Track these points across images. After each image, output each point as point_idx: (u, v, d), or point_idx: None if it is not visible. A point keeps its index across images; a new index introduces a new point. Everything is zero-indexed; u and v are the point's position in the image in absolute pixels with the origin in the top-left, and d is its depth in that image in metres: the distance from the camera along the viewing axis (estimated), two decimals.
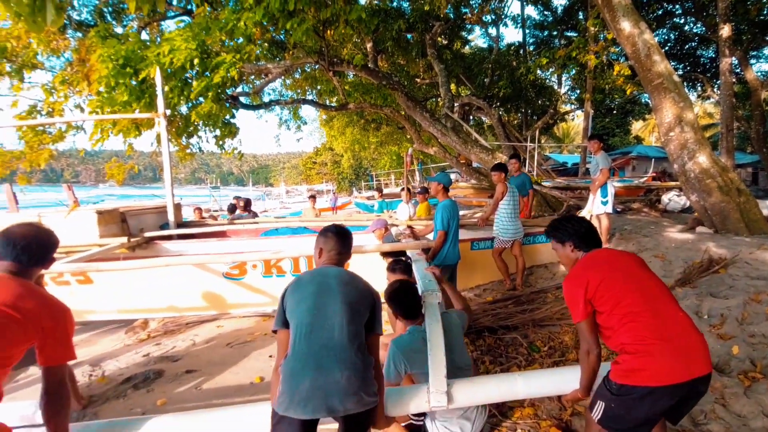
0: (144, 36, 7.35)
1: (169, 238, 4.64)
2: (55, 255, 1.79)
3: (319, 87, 9.50)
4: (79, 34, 6.56)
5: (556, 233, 1.96)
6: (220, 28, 4.87)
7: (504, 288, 4.91)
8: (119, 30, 6.91)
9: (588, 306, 1.72)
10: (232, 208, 7.30)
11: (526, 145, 14.32)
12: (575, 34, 13.16)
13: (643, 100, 19.68)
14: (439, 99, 14.23)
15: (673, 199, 7.94)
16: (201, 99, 5.63)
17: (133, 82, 4.38)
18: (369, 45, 9.08)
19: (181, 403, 3.05)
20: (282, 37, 7.45)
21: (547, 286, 4.90)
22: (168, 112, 4.71)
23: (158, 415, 1.77)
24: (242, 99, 7.35)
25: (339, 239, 1.95)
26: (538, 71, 13.89)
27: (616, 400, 1.64)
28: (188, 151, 6.84)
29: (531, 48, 15.85)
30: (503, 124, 13.88)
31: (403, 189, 7.87)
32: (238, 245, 4.35)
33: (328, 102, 10.63)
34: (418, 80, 13.49)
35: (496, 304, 4.41)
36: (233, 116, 5.63)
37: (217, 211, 10.62)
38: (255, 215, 7.43)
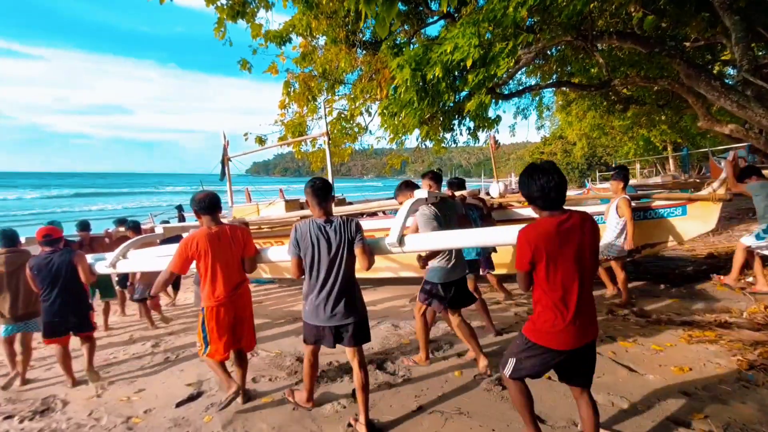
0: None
1: None
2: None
3: (568, 68, 8.77)
4: (363, 51, 7.96)
5: None
6: (488, 20, 5.00)
7: None
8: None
9: None
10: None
11: None
12: None
13: None
14: (716, 65, 11.08)
15: None
16: (461, 94, 6.02)
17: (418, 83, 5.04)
18: (632, 8, 7.76)
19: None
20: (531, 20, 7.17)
21: None
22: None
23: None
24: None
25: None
26: None
27: None
28: (443, 145, 7.40)
29: None
30: None
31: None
32: None
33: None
34: (687, 44, 10.82)
35: None
36: (493, 107, 5.78)
37: None
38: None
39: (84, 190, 63.10)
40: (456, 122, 6.35)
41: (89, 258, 4.01)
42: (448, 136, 7.44)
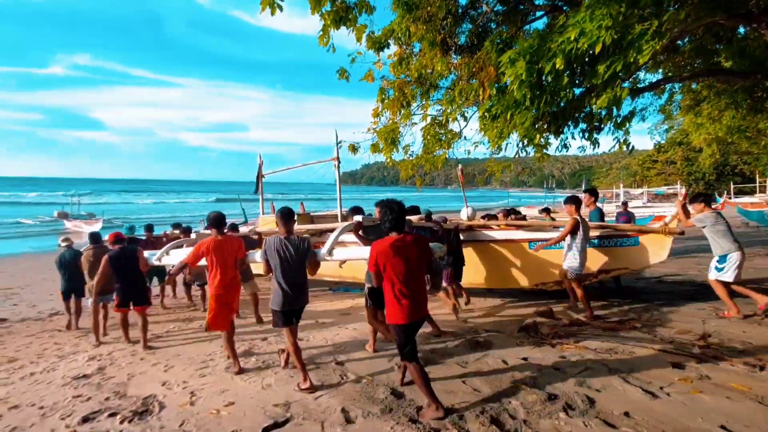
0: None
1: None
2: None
3: (698, 62, 7.31)
4: (458, 56, 7.43)
5: None
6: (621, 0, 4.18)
7: None
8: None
9: None
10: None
11: None
12: None
13: None
14: None
15: None
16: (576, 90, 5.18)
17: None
18: None
19: None
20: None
21: None
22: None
23: None
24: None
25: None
26: None
27: None
28: (545, 151, 6.49)
29: None
30: None
31: None
32: None
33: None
34: None
35: None
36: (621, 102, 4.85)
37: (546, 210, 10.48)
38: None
39: (223, 197, 71.53)
40: (570, 124, 5.49)
41: (146, 253, 5.58)
42: (554, 141, 6.54)
